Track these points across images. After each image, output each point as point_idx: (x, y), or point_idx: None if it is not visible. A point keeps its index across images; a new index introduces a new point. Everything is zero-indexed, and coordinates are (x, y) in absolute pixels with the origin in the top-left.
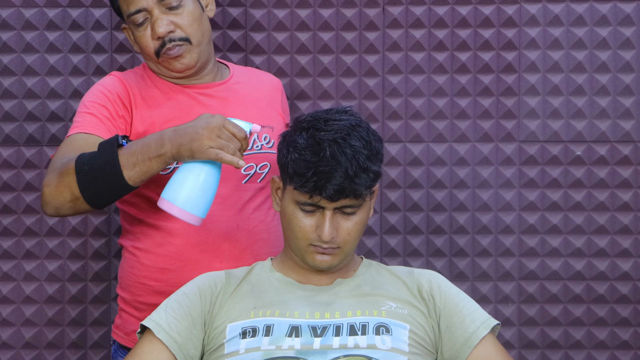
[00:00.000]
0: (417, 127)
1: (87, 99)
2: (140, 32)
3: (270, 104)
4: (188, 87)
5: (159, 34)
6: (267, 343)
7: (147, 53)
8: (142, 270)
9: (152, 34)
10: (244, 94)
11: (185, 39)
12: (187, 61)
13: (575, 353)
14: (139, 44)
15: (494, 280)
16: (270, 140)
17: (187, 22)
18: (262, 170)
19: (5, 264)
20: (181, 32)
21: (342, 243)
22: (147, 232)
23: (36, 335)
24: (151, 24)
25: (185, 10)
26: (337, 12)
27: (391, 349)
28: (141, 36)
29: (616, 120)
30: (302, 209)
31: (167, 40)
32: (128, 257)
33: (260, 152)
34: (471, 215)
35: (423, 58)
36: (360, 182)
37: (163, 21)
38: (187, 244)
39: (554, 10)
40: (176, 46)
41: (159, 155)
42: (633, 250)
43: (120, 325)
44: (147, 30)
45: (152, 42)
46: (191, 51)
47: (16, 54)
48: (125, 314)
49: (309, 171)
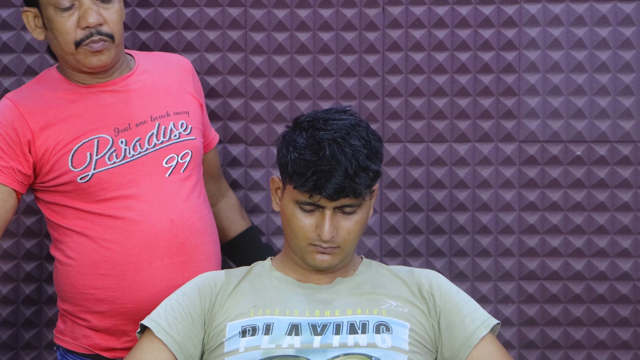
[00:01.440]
0: (417, 127)
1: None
2: (64, 17)
3: (181, 87)
4: (93, 87)
5: (89, 23)
6: (267, 341)
7: (64, 41)
8: (80, 280)
9: (79, 22)
10: (153, 83)
11: (110, 35)
12: (105, 59)
13: (575, 353)
14: (57, 29)
15: (494, 280)
16: (187, 127)
17: (114, 20)
18: (184, 159)
19: (5, 264)
20: (107, 28)
21: (342, 242)
22: (77, 240)
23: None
24: (81, 12)
25: (115, 7)
26: (337, 12)
27: (391, 347)
28: (63, 22)
29: (616, 120)
30: (301, 208)
31: (95, 32)
32: (62, 268)
33: (179, 141)
34: (471, 215)
35: (423, 58)
36: (360, 182)
37: (94, 12)
38: (124, 246)
39: (554, 10)
40: (101, 40)
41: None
42: (633, 250)
43: (64, 330)
44: (73, 17)
45: (76, 31)
46: (110, 50)
47: (16, 54)
48: (70, 321)
49: (309, 170)
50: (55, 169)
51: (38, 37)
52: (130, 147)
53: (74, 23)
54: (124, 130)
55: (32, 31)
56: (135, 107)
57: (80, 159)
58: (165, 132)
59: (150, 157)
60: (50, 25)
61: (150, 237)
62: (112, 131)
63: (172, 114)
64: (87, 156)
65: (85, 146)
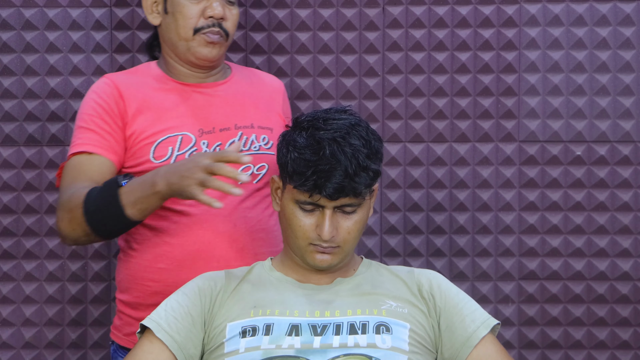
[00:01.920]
0: (417, 127)
1: (84, 111)
2: (192, 2)
3: (270, 105)
4: (187, 85)
5: (215, 14)
6: (267, 342)
7: (184, 25)
8: (139, 271)
9: (204, 12)
10: (243, 95)
11: (227, 33)
12: (216, 53)
13: (575, 353)
14: (181, 13)
15: (494, 280)
16: (269, 142)
17: (233, 21)
18: (260, 171)
19: (5, 264)
20: (226, 25)
21: (342, 242)
22: (143, 233)
23: (36, 335)
24: (208, 3)
25: (235, 11)
26: (337, 12)
27: (391, 348)
28: (190, 7)
29: (616, 120)
30: (301, 208)
31: (217, 24)
32: (125, 258)
33: (258, 153)
34: (471, 215)
35: (423, 58)
36: (359, 181)
37: (220, 5)
38: (184, 243)
39: (554, 10)
40: (218, 33)
41: (154, 192)
42: (633, 250)
43: (119, 326)
44: (199, 6)
45: (199, 19)
46: (222, 46)
47: (16, 54)
48: (124, 315)
49: (309, 170)
50: (137, 156)
51: (153, 21)
52: (210, 150)
53: (198, 11)
54: (208, 132)
55: (149, 15)
56: (222, 113)
57: (161, 152)
58: (246, 142)
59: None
60: (174, 9)
61: (210, 237)
62: (197, 131)
63: (256, 127)
64: (168, 150)
65: (169, 140)
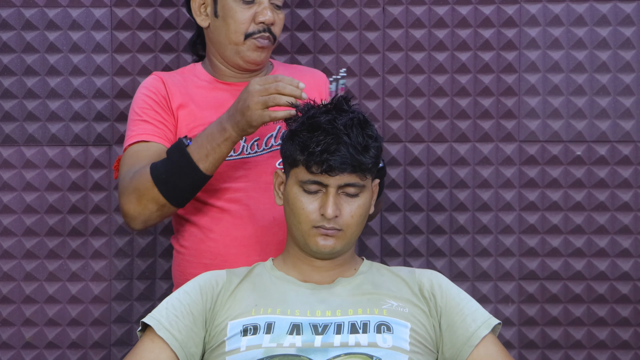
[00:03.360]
0: (417, 127)
1: (137, 106)
2: (244, 8)
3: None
4: (231, 85)
5: (267, 19)
6: (268, 340)
7: (235, 30)
8: (188, 267)
9: (255, 17)
10: None
11: (275, 38)
12: (264, 56)
13: (575, 353)
14: (233, 17)
15: (494, 280)
16: None
17: (279, 26)
18: None
19: (5, 264)
20: (274, 30)
21: (345, 226)
22: (189, 230)
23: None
24: (260, 9)
25: (282, 15)
26: (337, 12)
27: (392, 347)
28: (242, 12)
29: (616, 120)
30: (305, 189)
31: (267, 29)
32: (176, 256)
33: None
34: (471, 215)
35: (423, 58)
36: (364, 155)
37: (269, 12)
38: (225, 238)
39: (554, 10)
40: (268, 38)
41: (225, 139)
42: (633, 250)
43: None
44: (251, 11)
45: (250, 24)
46: (269, 50)
47: (16, 54)
48: None
49: (314, 144)
50: None
51: (202, 23)
52: (248, 145)
53: (250, 16)
54: None
55: (197, 17)
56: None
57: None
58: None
59: (264, 158)
60: (226, 13)
61: (251, 231)
62: None
63: None
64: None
65: None
